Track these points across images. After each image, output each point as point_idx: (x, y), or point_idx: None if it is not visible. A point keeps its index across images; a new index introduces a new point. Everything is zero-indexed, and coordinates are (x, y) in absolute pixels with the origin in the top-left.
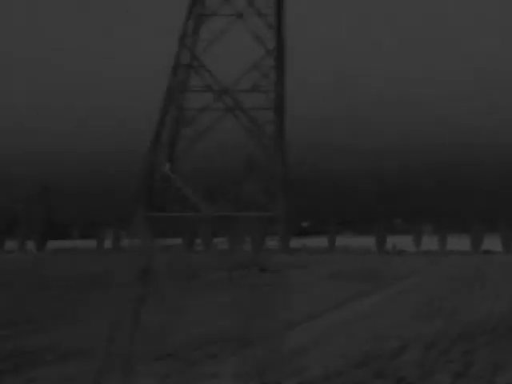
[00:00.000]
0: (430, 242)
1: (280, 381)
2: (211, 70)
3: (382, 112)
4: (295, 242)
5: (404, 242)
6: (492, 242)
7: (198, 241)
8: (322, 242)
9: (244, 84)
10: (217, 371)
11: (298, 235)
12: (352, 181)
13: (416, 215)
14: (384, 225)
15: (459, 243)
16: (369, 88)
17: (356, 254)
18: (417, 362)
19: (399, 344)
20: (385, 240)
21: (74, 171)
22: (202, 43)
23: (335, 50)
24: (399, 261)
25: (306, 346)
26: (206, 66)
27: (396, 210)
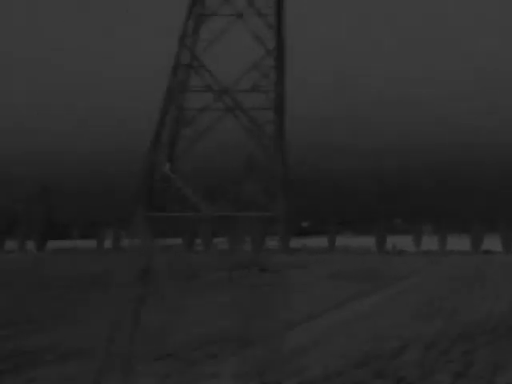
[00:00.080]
0: (430, 241)
1: (280, 381)
2: (211, 70)
3: (382, 112)
4: (295, 242)
5: (404, 241)
6: (492, 242)
7: (198, 241)
8: (322, 242)
9: (244, 84)
10: (217, 371)
11: (298, 235)
12: (352, 181)
13: (416, 215)
14: (384, 225)
15: (459, 243)
16: (369, 88)
17: (356, 254)
18: (417, 362)
19: (399, 344)
20: (385, 240)
21: (74, 171)
22: (202, 43)
23: (335, 50)
24: (399, 261)
25: (306, 346)
26: (206, 66)
27: (396, 210)
